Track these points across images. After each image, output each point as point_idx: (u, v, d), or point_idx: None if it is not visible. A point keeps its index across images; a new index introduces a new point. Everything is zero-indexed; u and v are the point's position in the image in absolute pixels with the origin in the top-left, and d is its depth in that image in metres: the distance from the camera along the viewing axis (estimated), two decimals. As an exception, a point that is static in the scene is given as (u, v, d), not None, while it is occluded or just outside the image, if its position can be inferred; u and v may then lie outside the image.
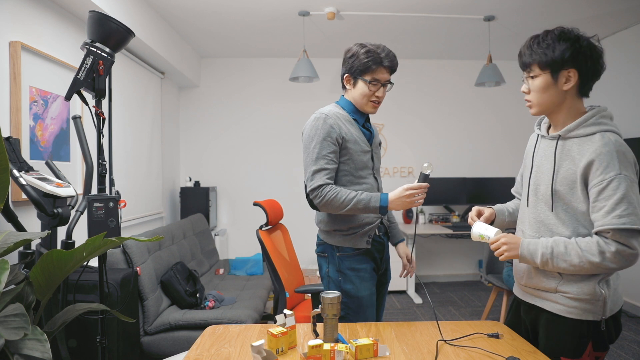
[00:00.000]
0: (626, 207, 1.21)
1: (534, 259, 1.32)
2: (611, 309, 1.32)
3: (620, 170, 1.22)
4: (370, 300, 1.79)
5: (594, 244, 1.24)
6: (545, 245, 1.31)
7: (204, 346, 1.42)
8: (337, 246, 1.78)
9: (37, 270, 1.37)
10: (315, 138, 1.70)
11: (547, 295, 1.37)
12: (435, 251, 5.27)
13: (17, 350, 1.16)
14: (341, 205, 1.65)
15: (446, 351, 1.38)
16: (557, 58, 1.29)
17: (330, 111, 1.75)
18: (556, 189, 1.34)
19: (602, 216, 1.23)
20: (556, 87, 1.33)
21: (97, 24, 1.68)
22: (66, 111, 2.65)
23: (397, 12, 3.72)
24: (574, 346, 1.32)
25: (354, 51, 1.76)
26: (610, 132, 1.28)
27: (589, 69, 1.30)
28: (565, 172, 1.32)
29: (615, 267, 1.24)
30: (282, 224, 3.00)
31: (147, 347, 2.71)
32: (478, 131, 5.26)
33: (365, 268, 1.78)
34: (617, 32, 4.15)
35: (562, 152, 1.34)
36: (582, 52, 1.28)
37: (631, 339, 3.36)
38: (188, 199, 4.63)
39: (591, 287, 1.29)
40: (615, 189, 1.22)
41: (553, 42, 1.30)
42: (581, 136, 1.31)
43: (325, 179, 1.67)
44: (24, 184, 1.76)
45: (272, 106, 5.10)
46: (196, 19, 3.85)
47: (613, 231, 1.22)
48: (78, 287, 2.10)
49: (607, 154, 1.23)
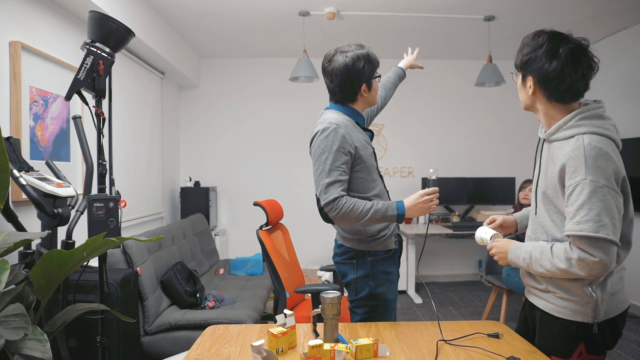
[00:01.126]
0: (585, 213, 1.18)
1: (518, 263, 1.36)
2: (606, 313, 1.30)
3: (585, 175, 1.18)
4: (394, 303, 1.80)
5: (562, 251, 1.24)
6: (527, 250, 1.34)
7: (204, 346, 1.42)
8: (370, 251, 1.74)
9: (37, 270, 1.37)
10: (327, 149, 1.62)
11: (540, 293, 1.40)
12: (435, 251, 5.27)
13: (17, 350, 1.16)
14: (359, 216, 1.61)
15: (446, 351, 1.38)
16: (517, 61, 1.34)
17: (339, 119, 1.67)
18: (545, 191, 1.35)
19: (567, 222, 1.24)
20: (525, 89, 1.36)
21: (97, 24, 1.68)
22: (66, 111, 2.65)
23: (397, 12, 3.72)
24: (563, 346, 1.33)
25: (365, 55, 1.70)
26: (589, 133, 1.23)
27: (545, 80, 1.27)
28: (550, 176, 1.32)
29: (585, 275, 1.21)
30: (282, 224, 3.00)
31: (147, 347, 2.71)
32: (478, 131, 5.26)
33: (394, 271, 1.79)
34: (617, 32, 4.15)
35: (548, 155, 1.35)
36: (536, 61, 1.27)
37: (631, 339, 3.36)
38: (188, 199, 4.63)
39: (578, 289, 1.29)
40: (578, 194, 1.19)
41: (523, 45, 1.33)
42: (561, 139, 1.30)
43: (339, 191, 1.61)
44: (24, 184, 1.76)
45: (272, 106, 5.10)
46: (196, 19, 3.85)
47: (572, 237, 1.22)
48: (78, 287, 2.10)
49: (574, 158, 1.21)
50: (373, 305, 1.74)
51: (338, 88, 1.73)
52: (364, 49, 1.72)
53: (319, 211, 1.71)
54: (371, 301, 1.74)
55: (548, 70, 1.26)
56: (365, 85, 1.72)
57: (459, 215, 5.00)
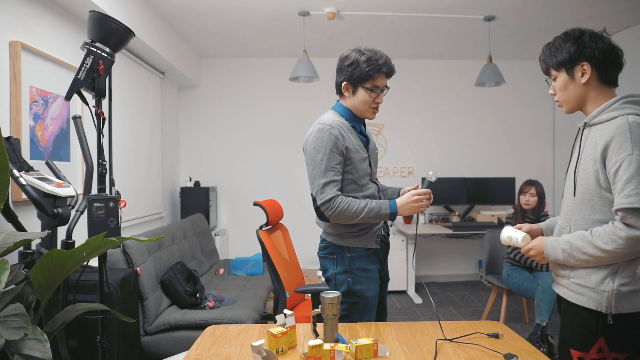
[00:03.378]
0: (635, 186, 1.21)
1: (557, 256, 1.36)
2: (623, 307, 1.28)
3: (632, 150, 1.23)
4: (374, 301, 1.81)
5: (606, 232, 1.26)
6: (566, 241, 1.34)
7: (204, 346, 1.42)
8: (348, 247, 1.78)
9: (37, 270, 1.37)
10: (322, 150, 1.68)
11: (562, 281, 1.41)
12: (435, 251, 5.27)
13: (17, 350, 1.16)
14: (353, 215, 1.67)
15: (446, 350, 1.38)
16: (566, 56, 1.39)
17: (333, 121, 1.73)
18: (578, 175, 1.37)
19: (615, 197, 1.26)
20: (574, 82, 1.41)
21: (97, 24, 1.68)
22: (66, 111, 2.65)
23: (397, 12, 3.72)
24: (582, 338, 1.33)
25: (353, 59, 1.73)
26: (633, 114, 1.30)
27: (600, 58, 1.37)
28: (585, 158, 1.36)
29: (630, 253, 1.24)
30: (282, 224, 3.00)
31: (147, 347, 2.71)
32: (478, 131, 5.26)
33: (374, 269, 1.81)
34: (617, 32, 4.15)
35: (587, 139, 1.39)
36: (587, 45, 1.36)
37: (631, 339, 3.35)
38: (188, 199, 4.63)
39: (600, 277, 1.30)
40: (626, 168, 1.23)
41: (560, 44, 1.40)
42: (604, 121, 1.35)
43: (335, 190, 1.68)
44: (24, 184, 1.76)
45: (272, 106, 5.10)
46: (196, 19, 3.85)
47: (622, 212, 1.23)
48: (78, 287, 2.10)
49: (621, 134, 1.26)
50: (352, 302, 1.76)
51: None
52: (363, 54, 1.73)
53: (315, 210, 1.75)
54: (350, 297, 1.75)
55: (603, 47, 1.37)
56: (347, 83, 1.76)
57: (459, 215, 5.00)
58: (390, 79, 1.83)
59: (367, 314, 1.78)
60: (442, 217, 5.05)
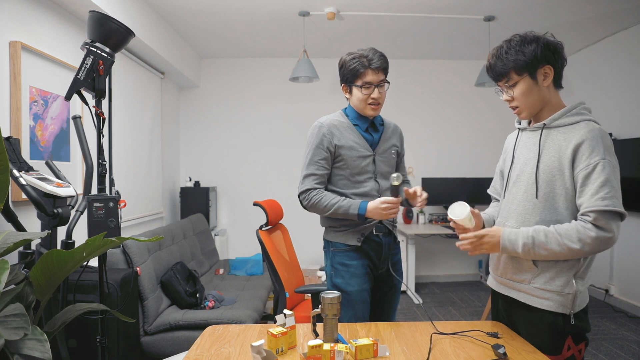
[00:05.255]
0: (609, 190, 1.25)
1: (516, 249, 1.36)
2: (579, 305, 1.36)
3: (604, 155, 1.27)
4: (359, 296, 1.83)
5: (574, 231, 1.28)
6: (526, 235, 1.34)
7: (203, 346, 1.42)
8: (331, 242, 1.89)
9: (37, 270, 1.37)
10: (310, 145, 1.84)
11: (521, 286, 1.42)
12: (435, 251, 5.27)
13: (17, 350, 1.16)
14: (324, 209, 1.80)
15: (441, 343, 1.39)
16: (530, 59, 1.35)
17: (327, 119, 1.86)
18: (539, 176, 1.37)
19: (587, 199, 1.28)
20: (538, 86, 1.38)
21: (97, 24, 1.68)
22: (66, 111, 2.65)
23: (397, 12, 3.72)
24: (552, 342, 1.36)
25: (342, 61, 1.83)
26: (593, 121, 1.35)
27: (558, 61, 1.38)
28: (547, 160, 1.36)
29: (593, 252, 1.29)
30: (282, 224, 3.00)
31: (147, 347, 2.71)
32: (478, 131, 5.26)
33: (357, 264, 1.84)
34: (617, 32, 4.15)
35: (547, 140, 1.39)
36: (548, 47, 1.36)
37: (631, 339, 3.36)
38: (188, 199, 4.63)
39: (565, 280, 1.34)
40: (600, 172, 1.26)
41: (519, 47, 1.36)
42: (566, 125, 1.37)
43: (313, 183, 1.82)
44: (24, 184, 1.76)
45: (272, 106, 5.10)
46: (196, 19, 3.85)
47: (595, 213, 1.25)
48: (78, 287, 2.10)
49: (592, 139, 1.29)
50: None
51: None
52: (351, 55, 1.80)
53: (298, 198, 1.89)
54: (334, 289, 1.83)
55: (559, 50, 1.37)
56: (344, 85, 1.87)
57: (459, 215, 4.99)
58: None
59: (351, 309, 1.82)
60: (442, 217, 5.05)
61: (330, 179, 1.87)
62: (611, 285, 4.19)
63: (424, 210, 5.14)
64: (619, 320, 3.76)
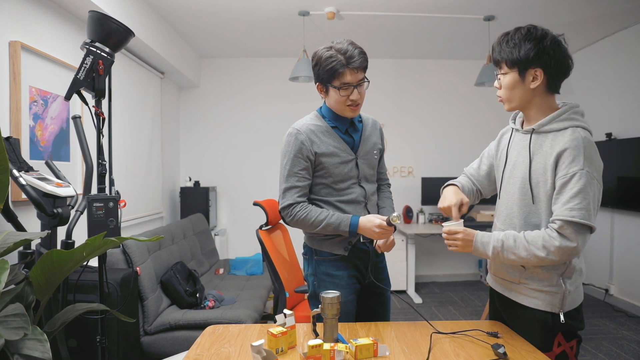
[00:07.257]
0: (580, 201, 1.25)
1: (486, 251, 1.38)
2: (570, 304, 1.37)
3: (583, 166, 1.26)
4: (344, 308, 1.62)
5: (540, 238, 1.29)
6: (497, 238, 1.36)
7: (203, 346, 1.42)
8: (316, 250, 1.73)
9: (37, 270, 1.37)
10: (287, 155, 1.66)
11: (512, 285, 1.45)
12: (435, 251, 5.27)
13: (17, 350, 1.16)
14: (311, 225, 1.64)
15: (441, 343, 1.39)
16: (522, 58, 1.33)
17: (304, 125, 1.69)
18: (532, 182, 1.38)
19: (558, 207, 1.28)
20: (524, 85, 1.37)
21: (97, 23, 1.68)
22: (66, 111, 2.65)
23: (397, 12, 3.72)
24: (543, 339, 1.38)
25: (317, 58, 1.63)
26: (582, 128, 1.32)
27: (554, 67, 1.33)
28: (536, 166, 1.37)
29: (559, 260, 1.29)
30: (282, 224, 3.00)
31: (147, 347, 2.71)
32: (478, 131, 5.26)
33: (342, 275, 1.71)
34: (617, 32, 4.15)
35: (535, 145, 1.39)
36: (546, 51, 1.31)
37: (631, 339, 3.36)
38: (188, 199, 4.63)
39: (551, 280, 1.35)
40: (576, 182, 1.26)
41: (520, 41, 1.34)
42: (554, 130, 1.35)
43: (296, 197, 1.65)
44: (24, 184, 1.76)
45: (272, 106, 5.10)
46: (196, 19, 3.85)
47: (562, 222, 1.26)
48: (78, 287, 2.10)
49: (575, 148, 1.27)
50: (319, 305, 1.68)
51: None
52: (327, 52, 1.62)
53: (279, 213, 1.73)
54: (316, 300, 1.70)
55: (560, 57, 1.32)
56: (319, 84, 1.69)
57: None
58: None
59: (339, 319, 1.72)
60: (442, 217, 5.05)
61: (311, 188, 1.70)
62: (611, 285, 4.19)
63: (424, 210, 5.14)
64: (619, 320, 3.76)
